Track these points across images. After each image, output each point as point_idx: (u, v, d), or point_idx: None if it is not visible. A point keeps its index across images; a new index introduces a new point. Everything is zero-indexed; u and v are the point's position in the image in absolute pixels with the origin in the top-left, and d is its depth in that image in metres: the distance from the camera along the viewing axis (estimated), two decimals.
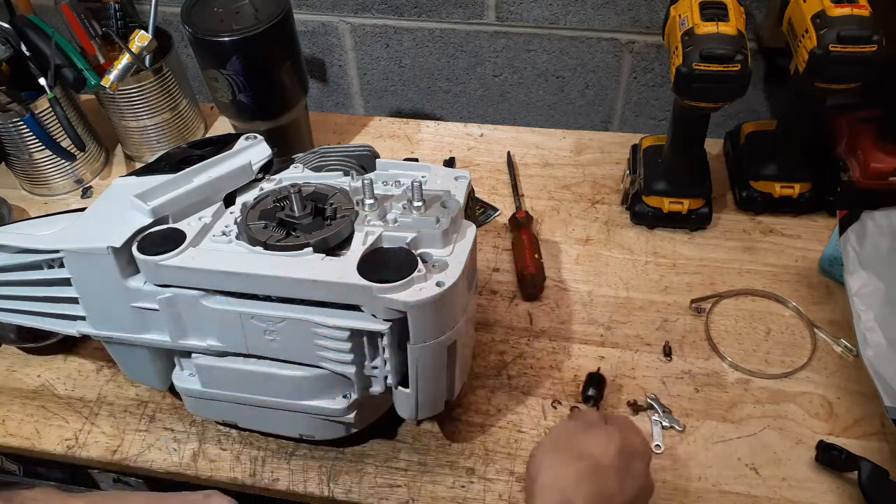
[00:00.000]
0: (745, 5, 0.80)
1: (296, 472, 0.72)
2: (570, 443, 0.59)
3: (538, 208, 0.95)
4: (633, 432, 0.61)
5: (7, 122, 0.95)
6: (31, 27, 0.95)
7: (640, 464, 0.58)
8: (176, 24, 1.02)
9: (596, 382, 0.75)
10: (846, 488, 0.67)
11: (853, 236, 0.77)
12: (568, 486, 0.55)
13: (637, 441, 0.60)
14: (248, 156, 0.71)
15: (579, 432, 0.60)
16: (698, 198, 0.88)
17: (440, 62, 1.08)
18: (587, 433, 0.59)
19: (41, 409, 0.79)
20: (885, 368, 0.66)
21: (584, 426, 0.61)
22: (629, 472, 0.57)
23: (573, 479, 0.55)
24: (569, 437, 0.60)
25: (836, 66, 0.72)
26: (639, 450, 0.59)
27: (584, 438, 0.59)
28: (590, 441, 0.58)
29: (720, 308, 0.82)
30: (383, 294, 0.57)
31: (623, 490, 0.56)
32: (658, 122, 1.09)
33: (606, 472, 0.56)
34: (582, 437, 0.59)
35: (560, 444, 0.59)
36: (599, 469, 0.56)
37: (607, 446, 0.57)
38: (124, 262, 0.64)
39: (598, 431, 0.59)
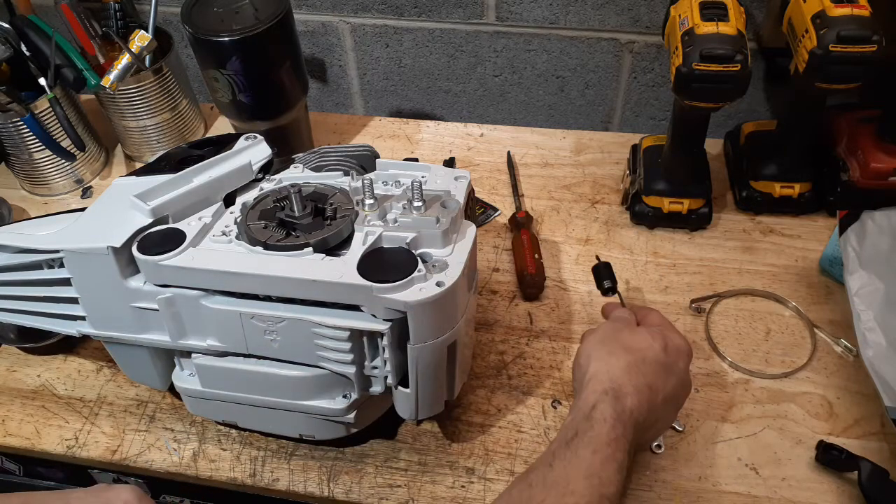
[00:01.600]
0: (745, 5, 0.80)
1: (296, 472, 0.72)
2: (617, 339, 0.63)
3: (538, 208, 0.95)
4: (675, 332, 0.65)
5: (7, 122, 0.95)
6: (31, 27, 0.95)
7: (683, 361, 0.64)
8: (176, 24, 1.02)
9: (606, 273, 0.76)
10: (846, 488, 0.67)
11: (853, 236, 0.77)
12: (618, 374, 0.60)
13: (679, 340, 0.64)
14: (248, 156, 0.71)
15: (626, 330, 0.65)
16: (698, 198, 0.88)
17: (440, 62, 1.08)
18: (633, 331, 0.64)
19: (41, 409, 0.80)
20: (885, 368, 0.66)
21: (628, 325, 0.66)
22: (672, 368, 0.62)
23: (623, 368, 0.60)
24: (616, 333, 0.64)
25: (836, 66, 0.72)
26: (682, 347, 0.64)
27: (631, 336, 0.63)
28: (636, 338, 0.63)
29: (720, 308, 0.82)
30: (383, 294, 0.57)
31: (666, 383, 0.61)
32: (658, 122, 1.09)
33: (652, 366, 0.61)
34: (629, 334, 0.64)
35: (608, 339, 0.64)
36: (646, 362, 0.61)
37: (652, 343, 0.62)
38: (124, 262, 0.64)
39: (642, 330, 0.64)
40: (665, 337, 0.63)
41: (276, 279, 0.60)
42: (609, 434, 0.56)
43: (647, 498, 0.68)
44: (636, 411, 0.58)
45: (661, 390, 0.61)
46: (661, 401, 0.61)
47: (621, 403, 0.58)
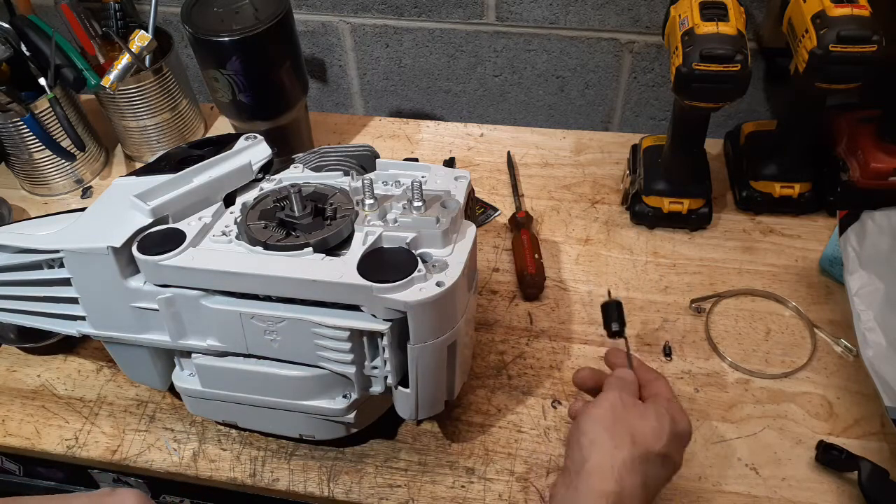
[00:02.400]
0: (745, 5, 0.80)
1: (296, 472, 0.72)
2: (624, 424, 0.58)
3: (538, 208, 0.95)
4: (681, 413, 0.60)
5: (7, 122, 0.95)
6: (31, 27, 0.95)
7: (682, 449, 0.60)
8: (176, 24, 1.02)
9: (616, 313, 0.70)
10: (846, 488, 0.67)
11: (853, 236, 0.77)
12: (623, 474, 0.55)
13: (684, 425, 0.60)
14: (248, 156, 0.71)
15: (633, 411, 0.59)
16: (698, 198, 0.88)
17: (440, 62, 1.08)
18: (641, 415, 0.59)
19: (41, 409, 0.80)
20: (885, 368, 0.66)
21: (634, 403, 0.60)
22: (670, 459, 0.58)
23: (628, 467, 0.55)
24: (622, 416, 0.59)
25: (836, 66, 0.72)
26: (685, 435, 0.60)
27: (639, 422, 0.58)
28: (644, 425, 0.58)
29: (720, 308, 0.82)
30: (383, 294, 0.57)
31: (658, 478, 0.58)
32: (658, 122, 1.09)
33: (653, 462, 0.57)
34: (637, 418, 0.58)
35: (615, 420, 0.58)
36: (649, 459, 0.56)
37: (660, 431, 0.57)
38: (124, 262, 0.64)
39: (650, 412, 0.59)
40: (673, 422, 0.58)
41: (276, 279, 0.60)
42: None
43: None
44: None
45: (659, 482, 0.58)
46: (654, 492, 0.58)
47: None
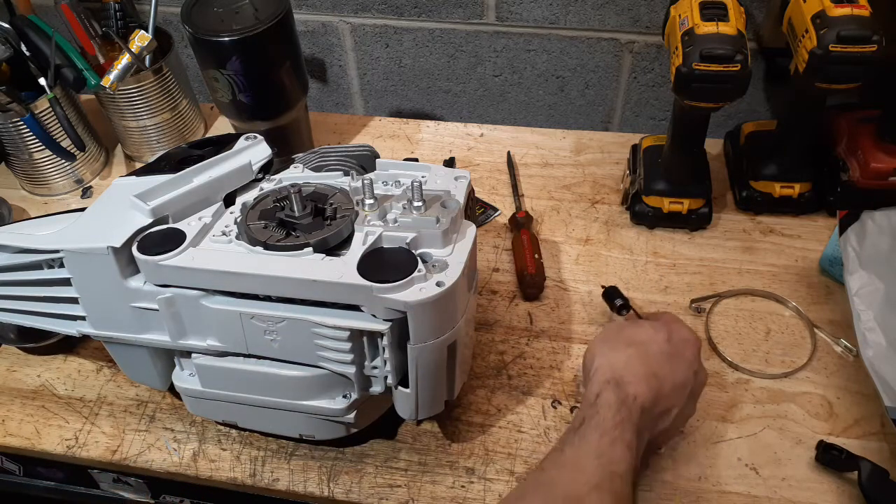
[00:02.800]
0: (745, 5, 0.80)
1: (296, 472, 0.72)
2: (620, 335, 0.66)
3: (538, 208, 0.95)
4: (679, 324, 0.67)
5: (7, 122, 0.95)
6: (31, 27, 0.95)
7: (690, 350, 0.64)
8: (176, 24, 1.02)
9: (616, 293, 0.76)
10: (846, 488, 0.67)
11: (853, 236, 0.77)
12: (620, 366, 0.62)
13: (684, 331, 0.66)
14: (248, 156, 0.71)
15: (629, 326, 0.67)
16: (698, 198, 0.88)
17: (440, 62, 1.08)
18: (636, 326, 0.67)
19: (41, 409, 0.80)
20: (885, 368, 0.66)
21: (632, 322, 0.69)
22: (678, 357, 0.63)
23: (624, 361, 0.62)
24: (619, 330, 0.67)
25: (836, 66, 0.72)
26: (687, 337, 0.65)
27: (634, 330, 0.66)
28: (639, 331, 0.65)
29: (720, 308, 0.82)
30: (383, 294, 0.57)
31: (674, 372, 0.63)
32: (658, 122, 1.09)
33: (656, 356, 0.63)
34: (631, 329, 0.66)
35: (610, 336, 0.66)
36: (649, 353, 0.63)
37: (654, 335, 0.64)
38: (124, 262, 0.64)
39: (644, 324, 0.67)
40: (669, 329, 0.65)
41: (276, 279, 0.60)
42: (614, 418, 0.59)
43: (647, 498, 0.68)
44: (640, 397, 0.60)
45: (668, 378, 0.62)
46: (669, 388, 0.62)
47: (623, 390, 0.60)
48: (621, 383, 0.61)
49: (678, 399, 0.63)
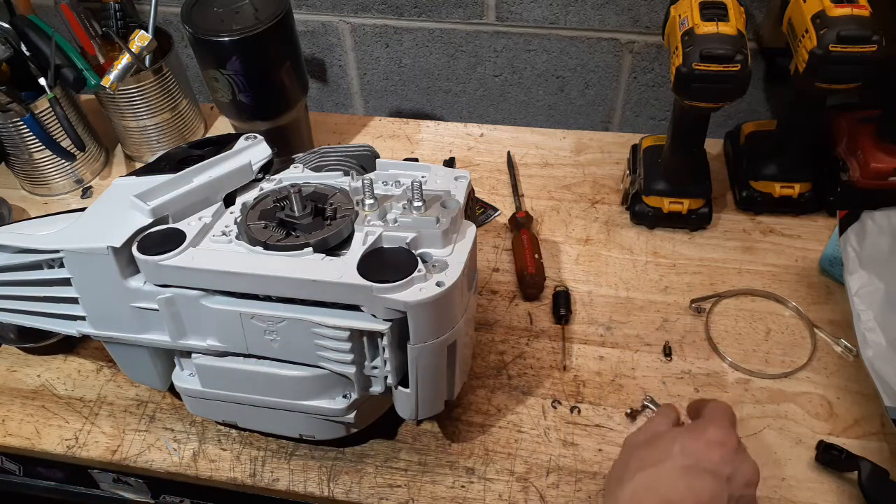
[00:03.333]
0: (745, 5, 0.80)
1: (296, 472, 0.72)
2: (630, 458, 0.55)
3: (538, 208, 0.95)
4: (712, 423, 0.55)
5: (7, 122, 0.95)
6: (31, 27, 0.95)
7: (716, 452, 0.54)
8: (176, 24, 1.02)
9: (564, 301, 0.81)
10: (846, 488, 0.67)
11: (853, 236, 0.77)
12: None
13: (712, 430, 0.55)
14: (248, 156, 0.71)
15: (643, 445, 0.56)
16: (698, 198, 0.88)
17: (440, 62, 1.08)
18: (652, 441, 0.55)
19: (41, 409, 0.80)
20: (885, 368, 0.66)
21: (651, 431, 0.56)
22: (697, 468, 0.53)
23: (628, 498, 0.53)
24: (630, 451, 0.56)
25: (836, 66, 0.72)
26: (713, 439, 0.54)
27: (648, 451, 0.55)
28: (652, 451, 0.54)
29: (720, 308, 0.82)
30: (383, 294, 0.57)
31: (693, 489, 0.52)
32: (658, 122, 1.09)
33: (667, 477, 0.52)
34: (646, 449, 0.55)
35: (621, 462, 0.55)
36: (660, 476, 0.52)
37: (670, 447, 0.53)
38: (124, 262, 0.64)
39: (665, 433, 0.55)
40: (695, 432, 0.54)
41: (276, 279, 0.60)
42: None
43: None
44: None
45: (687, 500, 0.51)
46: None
47: None
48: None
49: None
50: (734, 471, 0.53)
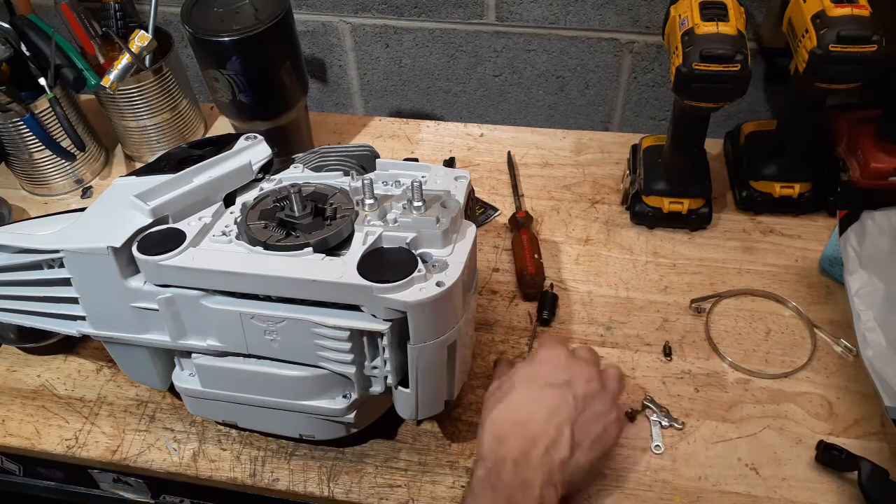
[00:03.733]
0: (745, 5, 0.80)
1: (296, 472, 0.72)
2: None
3: (538, 208, 0.95)
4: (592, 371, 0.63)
5: (7, 122, 0.95)
6: (31, 27, 0.95)
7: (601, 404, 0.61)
8: (176, 24, 1.02)
9: (550, 304, 0.82)
10: (846, 488, 0.67)
11: (853, 236, 0.77)
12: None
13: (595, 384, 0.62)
14: (248, 156, 0.71)
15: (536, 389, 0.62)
16: (698, 198, 0.88)
17: (440, 62, 1.08)
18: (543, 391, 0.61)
19: (41, 409, 0.80)
20: (885, 368, 0.66)
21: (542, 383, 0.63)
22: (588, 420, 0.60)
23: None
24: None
25: (836, 66, 0.72)
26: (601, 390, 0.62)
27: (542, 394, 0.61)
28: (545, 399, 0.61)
29: (720, 308, 0.82)
30: (383, 294, 0.57)
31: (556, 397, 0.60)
32: (658, 122, 1.09)
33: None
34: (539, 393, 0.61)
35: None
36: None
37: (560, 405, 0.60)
38: (124, 262, 0.64)
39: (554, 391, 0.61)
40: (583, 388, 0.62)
41: (276, 279, 0.60)
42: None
43: (647, 498, 0.68)
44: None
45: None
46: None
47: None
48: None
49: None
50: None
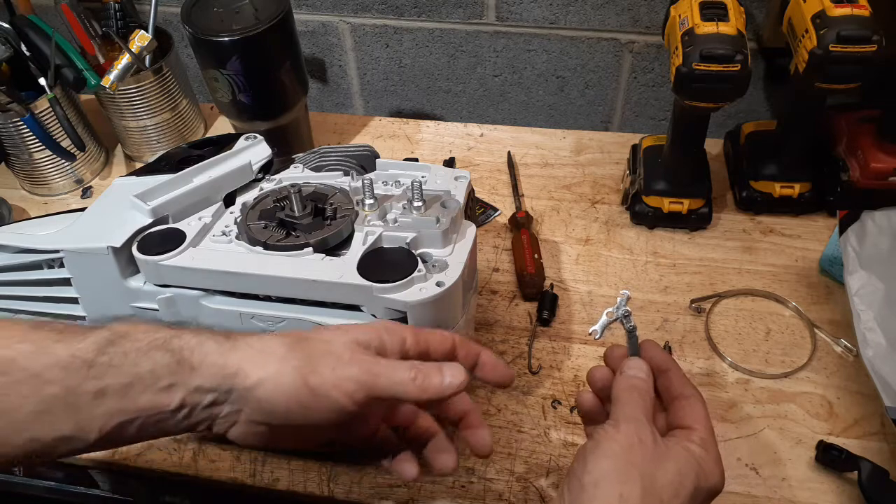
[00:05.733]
0: (745, 5, 0.80)
1: (296, 472, 0.72)
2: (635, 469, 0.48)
3: (538, 208, 0.95)
4: (714, 464, 0.50)
5: (7, 122, 0.95)
6: (31, 27, 0.95)
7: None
8: (176, 24, 1.02)
9: (550, 303, 0.80)
10: (846, 488, 0.67)
11: (853, 236, 0.77)
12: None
13: (714, 479, 0.50)
14: (248, 156, 0.71)
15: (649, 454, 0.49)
16: (698, 198, 0.88)
17: (440, 62, 1.08)
18: (658, 461, 0.49)
19: None
20: (885, 368, 0.66)
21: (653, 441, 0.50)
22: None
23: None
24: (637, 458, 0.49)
25: (836, 66, 0.72)
26: (712, 491, 0.50)
27: (654, 469, 0.48)
28: (661, 475, 0.48)
29: (720, 308, 0.82)
30: (383, 294, 0.57)
31: None
32: (658, 122, 1.09)
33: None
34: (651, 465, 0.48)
35: (624, 467, 0.48)
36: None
37: (679, 490, 0.48)
38: (124, 262, 0.64)
39: (670, 461, 0.49)
40: (699, 476, 0.49)
41: (276, 279, 0.60)
42: None
43: None
44: None
45: None
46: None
47: None
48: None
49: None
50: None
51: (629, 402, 0.52)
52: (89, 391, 0.46)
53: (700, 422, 0.52)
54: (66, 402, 0.46)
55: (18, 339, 0.47)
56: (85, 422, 0.47)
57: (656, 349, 0.57)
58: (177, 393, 0.48)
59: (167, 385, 0.48)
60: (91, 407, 0.47)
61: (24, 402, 0.45)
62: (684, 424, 0.52)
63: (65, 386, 0.46)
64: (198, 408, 0.49)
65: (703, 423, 0.52)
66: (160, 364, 0.48)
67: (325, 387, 0.49)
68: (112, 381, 0.47)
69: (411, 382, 0.50)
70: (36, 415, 0.46)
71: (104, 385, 0.47)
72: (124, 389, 0.47)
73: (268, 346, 0.50)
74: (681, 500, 0.47)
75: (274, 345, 0.50)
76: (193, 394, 0.48)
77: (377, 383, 0.50)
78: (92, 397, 0.46)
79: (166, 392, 0.48)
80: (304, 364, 0.49)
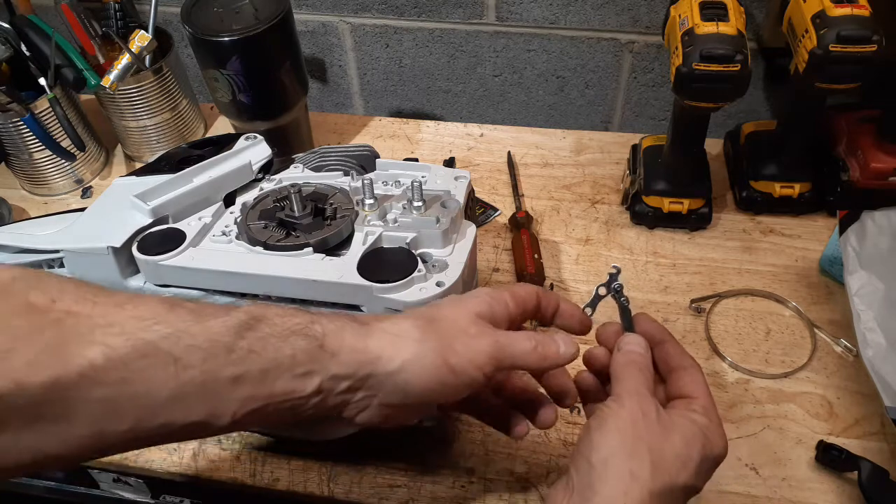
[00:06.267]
0: (745, 5, 0.80)
1: (296, 472, 0.72)
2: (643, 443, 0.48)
3: (538, 208, 0.95)
4: (717, 432, 0.51)
5: (7, 122, 0.95)
6: (31, 27, 0.95)
7: (710, 473, 0.50)
8: (176, 24, 1.02)
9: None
10: (846, 488, 0.67)
11: (853, 236, 0.77)
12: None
13: (719, 447, 0.50)
14: (248, 156, 0.71)
15: (654, 428, 0.49)
16: (698, 198, 0.88)
17: (440, 62, 1.09)
18: (665, 434, 0.49)
19: None
20: (885, 368, 0.66)
21: (656, 414, 0.50)
22: (696, 487, 0.49)
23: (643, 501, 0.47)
24: (643, 432, 0.49)
25: (836, 66, 0.72)
26: (717, 458, 0.50)
27: (662, 443, 0.48)
28: (668, 448, 0.48)
29: (720, 308, 0.82)
30: (383, 294, 0.57)
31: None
32: (658, 122, 1.09)
33: (676, 493, 0.48)
34: (658, 439, 0.49)
35: (632, 442, 0.49)
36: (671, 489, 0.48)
37: (687, 461, 0.48)
38: (124, 262, 0.64)
39: (676, 433, 0.49)
40: (705, 445, 0.49)
41: (276, 279, 0.60)
42: None
43: None
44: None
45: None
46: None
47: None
48: None
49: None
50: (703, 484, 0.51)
51: (630, 378, 0.53)
52: (227, 377, 0.45)
53: (700, 390, 0.52)
54: (205, 387, 0.45)
55: (156, 319, 0.45)
56: (219, 408, 0.46)
57: (650, 322, 0.58)
58: (314, 379, 0.47)
59: (305, 371, 0.47)
60: (227, 392, 0.45)
61: (163, 388, 0.44)
62: (684, 394, 0.53)
63: (203, 371, 0.44)
64: (332, 393, 0.48)
65: (703, 392, 0.52)
66: (300, 350, 0.47)
67: (463, 364, 0.50)
68: (251, 367, 0.46)
69: (533, 352, 0.52)
70: (172, 400, 0.44)
71: (243, 371, 0.45)
72: (262, 375, 0.46)
73: (402, 330, 0.50)
74: (688, 472, 0.48)
75: (407, 327, 0.50)
76: (331, 380, 0.48)
77: (504, 354, 0.51)
78: (229, 383, 0.45)
79: (303, 378, 0.47)
80: (440, 345, 0.50)
